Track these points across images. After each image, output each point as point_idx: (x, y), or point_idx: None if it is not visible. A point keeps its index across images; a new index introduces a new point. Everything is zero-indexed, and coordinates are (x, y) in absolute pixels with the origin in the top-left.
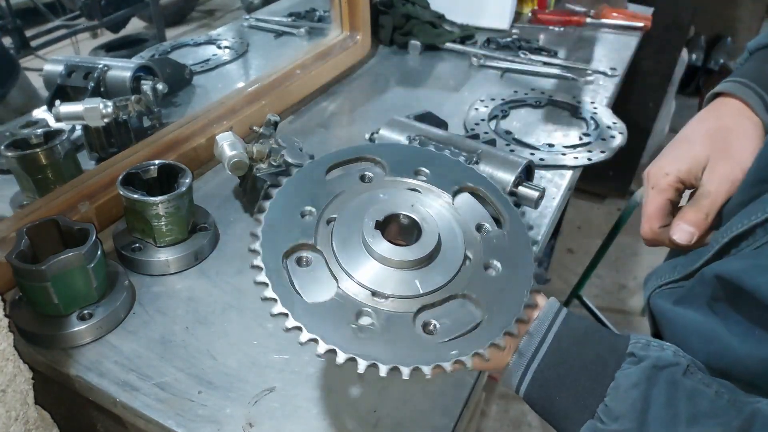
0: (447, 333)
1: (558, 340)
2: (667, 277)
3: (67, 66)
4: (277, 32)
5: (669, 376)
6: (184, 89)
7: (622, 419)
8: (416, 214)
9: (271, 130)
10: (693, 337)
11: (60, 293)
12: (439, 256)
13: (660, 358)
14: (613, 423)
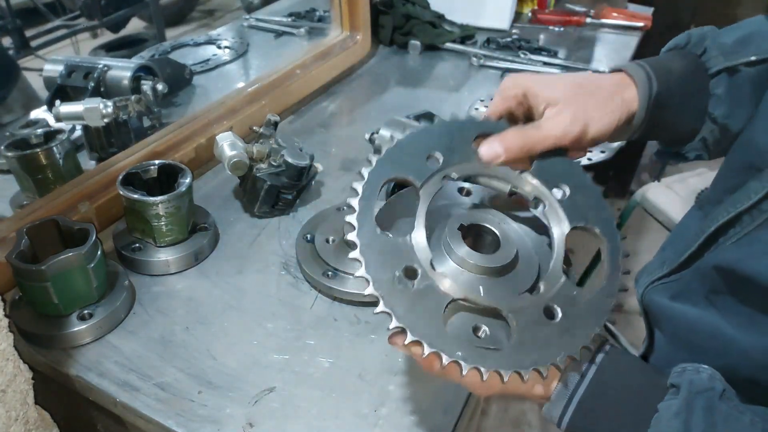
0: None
1: (601, 372)
2: (658, 273)
3: (67, 66)
4: (277, 32)
5: (706, 402)
6: (184, 89)
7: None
8: (500, 231)
9: (271, 130)
10: (698, 333)
11: (60, 293)
12: (510, 274)
13: (694, 382)
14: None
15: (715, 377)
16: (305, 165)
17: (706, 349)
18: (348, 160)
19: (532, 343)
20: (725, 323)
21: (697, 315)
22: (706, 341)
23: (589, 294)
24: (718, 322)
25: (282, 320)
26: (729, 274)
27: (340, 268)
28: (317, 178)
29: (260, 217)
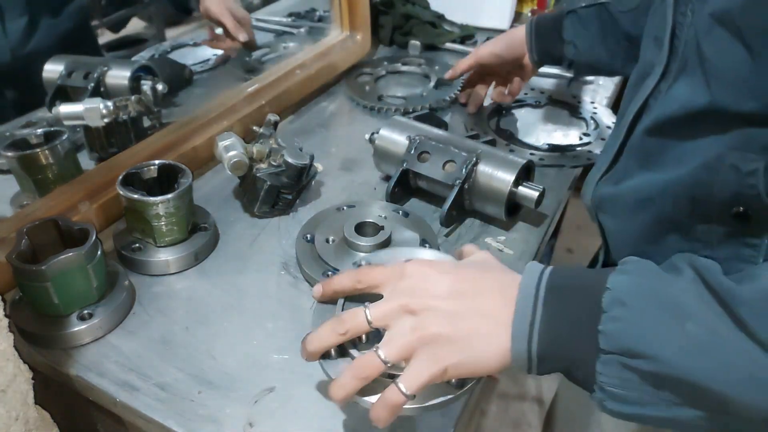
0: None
1: (550, 297)
2: (602, 169)
3: (67, 66)
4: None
5: (651, 265)
6: (184, 89)
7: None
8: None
9: (271, 130)
10: (640, 201)
11: (60, 293)
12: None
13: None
14: (619, 308)
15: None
16: (305, 165)
17: (647, 212)
18: (348, 160)
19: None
20: (656, 176)
21: (636, 183)
22: (646, 204)
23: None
24: (651, 178)
25: (282, 320)
26: (652, 130)
27: (340, 268)
28: (317, 178)
29: (260, 217)
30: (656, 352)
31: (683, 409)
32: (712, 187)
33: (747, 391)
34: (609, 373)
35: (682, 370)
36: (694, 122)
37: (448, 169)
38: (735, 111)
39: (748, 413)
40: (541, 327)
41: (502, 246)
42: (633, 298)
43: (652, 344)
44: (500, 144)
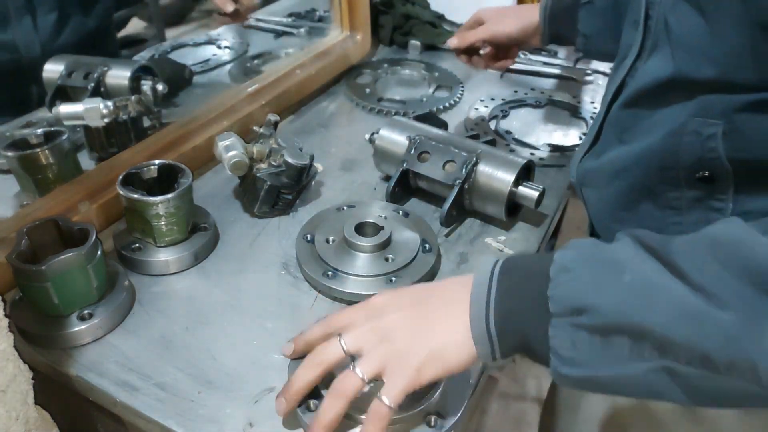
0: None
1: (503, 277)
2: (585, 147)
3: (67, 66)
4: (277, 32)
5: (590, 240)
6: (184, 89)
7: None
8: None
9: (271, 130)
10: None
11: (60, 293)
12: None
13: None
14: (564, 274)
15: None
16: (305, 165)
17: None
18: (348, 160)
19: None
20: (630, 147)
21: (613, 155)
22: (621, 174)
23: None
24: (625, 149)
25: (282, 320)
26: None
27: (340, 268)
28: (317, 178)
29: (260, 217)
30: (599, 303)
31: (631, 364)
32: (678, 153)
33: (680, 328)
34: (560, 335)
35: (622, 316)
36: (662, 93)
37: (448, 169)
38: (695, 78)
39: (685, 353)
40: (496, 304)
41: (502, 246)
42: (576, 263)
43: (594, 298)
44: (500, 144)
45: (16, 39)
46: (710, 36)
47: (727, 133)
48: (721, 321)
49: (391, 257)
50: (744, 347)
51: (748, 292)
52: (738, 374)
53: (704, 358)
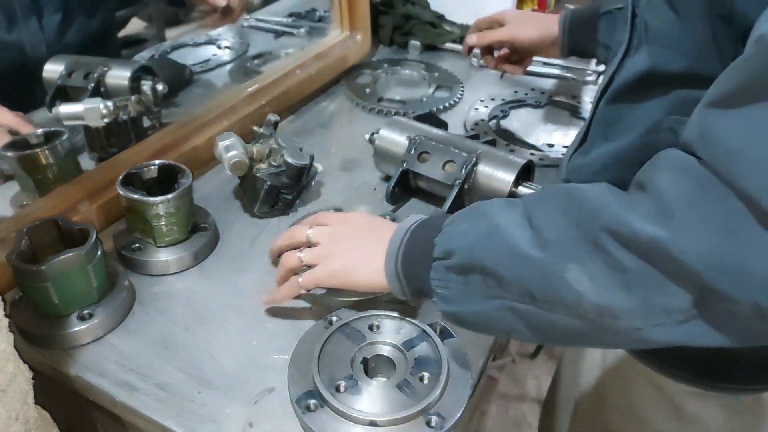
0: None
1: (416, 229)
2: (574, 146)
3: (67, 66)
4: (277, 32)
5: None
6: (184, 89)
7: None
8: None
9: (271, 130)
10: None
11: (60, 293)
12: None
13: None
14: (450, 225)
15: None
16: (305, 165)
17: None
18: (348, 160)
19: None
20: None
21: (599, 152)
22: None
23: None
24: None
25: (282, 320)
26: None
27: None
28: (317, 178)
29: (260, 217)
30: (459, 246)
31: (485, 302)
32: (656, 149)
33: (508, 266)
34: (437, 276)
35: (472, 256)
36: (640, 87)
37: (448, 169)
38: (668, 71)
39: (515, 289)
40: (404, 249)
41: None
42: (461, 215)
43: (458, 242)
44: (500, 144)
45: (23, 39)
46: (680, 30)
47: None
48: (535, 259)
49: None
50: (553, 282)
51: (572, 234)
52: (558, 308)
53: (529, 294)
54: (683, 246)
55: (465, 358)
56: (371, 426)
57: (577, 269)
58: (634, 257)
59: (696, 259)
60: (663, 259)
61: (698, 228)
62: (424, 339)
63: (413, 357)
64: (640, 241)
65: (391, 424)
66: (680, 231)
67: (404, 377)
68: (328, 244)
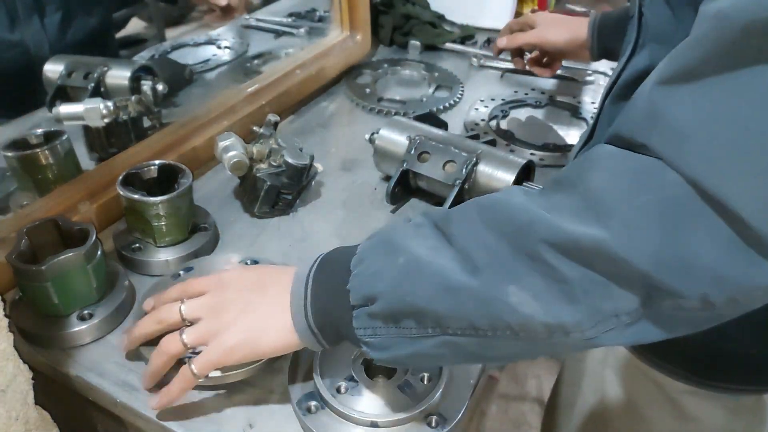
0: None
1: (319, 272)
2: (580, 144)
3: (67, 66)
4: (277, 32)
5: (391, 224)
6: (184, 89)
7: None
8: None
9: (271, 130)
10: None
11: (60, 293)
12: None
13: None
14: (359, 265)
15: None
16: (305, 165)
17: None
18: (348, 161)
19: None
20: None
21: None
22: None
23: None
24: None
25: None
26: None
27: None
28: (317, 178)
29: (260, 217)
30: (380, 290)
31: (420, 342)
32: None
33: (443, 302)
34: (361, 325)
35: (399, 300)
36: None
37: (448, 169)
38: None
39: (454, 324)
40: (312, 301)
41: None
42: (366, 252)
43: (377, 285)
44: (500, 144)
45: (26, 38)
46: (677, 27)
47: None
48: (471, 288)
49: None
50: (495, 309)
51: (505, 252)
52: (504, 334)
53: (471, 326)
54: (626, 244)
55: None
56: (372, 427)
57: (518, 291)
58: (575, 265)
59: (641, 257)
60: (606, 262)
61: (640, 223)
62: None
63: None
64: (582, 246)
65: (392, 425)
66: (621, 229)
67: (405, 378)
68: (212, 317)
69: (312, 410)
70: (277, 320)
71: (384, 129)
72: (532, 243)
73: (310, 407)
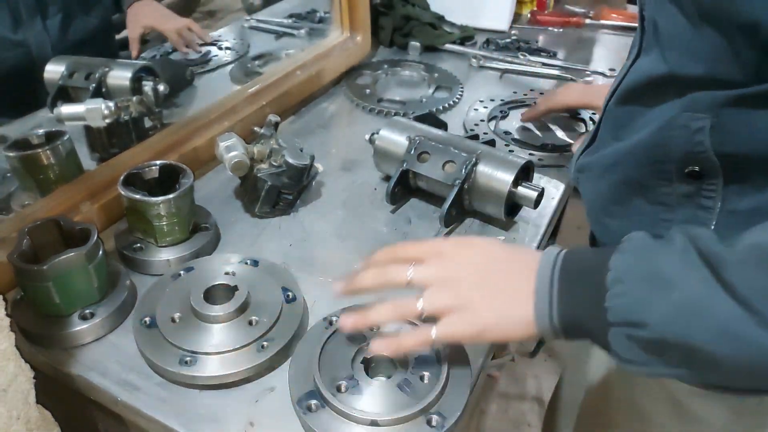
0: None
1: (563, 277)
2: (583, 146)
3: (69, 66)
4: (277, 33)
5: (643, 241)
6: (185, 90)
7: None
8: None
9: (272, 131)
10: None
11: (61, 293)
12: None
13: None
14: (619, 286)
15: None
16: (306, 165)
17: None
18: (348, 161)
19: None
20: (624, 143)
21: (608, 151)
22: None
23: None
24: (619, 145)
25: None
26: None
27: (198, 349)
28: (318, 179)
29: (261, 217)
30: (649, 321)
31: (681, 369)
32: (668, 146)
33: (723, 347)
34: (617, 342)
35: (670, 333)
36: (656, 89)
37: (448, 169)
38: (687, 75)
39: (732, 366)
40: (559, 308)
41: None
42: (627, 275)
43: (645, 315)
44: (500, 144)
45: (28, 39)
46: (695, 35)
47: (714, 127)
48: (762, 341)
49: (255, 319)
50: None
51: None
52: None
53: (744, 371)
54: None
55: (465, 357)
56: (372, 426)
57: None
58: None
59: None
60: None
61: None
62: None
63: (413, 356)
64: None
65: (392, 423)
66: None
67: (404, 377)
68: (447, 290)
69: (312, 409)
70: (521, 311)
71: (384, 129)
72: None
73: (310, 406)
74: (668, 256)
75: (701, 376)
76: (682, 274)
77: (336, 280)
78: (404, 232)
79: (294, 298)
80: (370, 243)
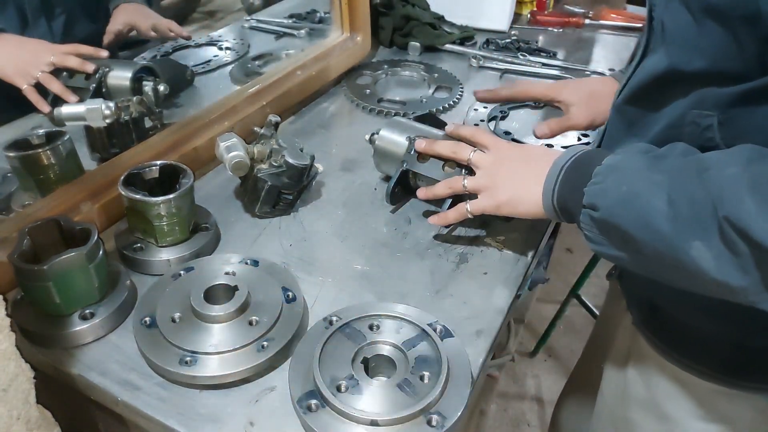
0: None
1: (570, 167)
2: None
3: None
4: (277, 33)
5: (638, 146)
6: (185, 90)
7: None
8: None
9: (272, 131)
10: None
11: (61, 293)
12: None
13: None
14: (598, 176)
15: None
16: (306, 165)
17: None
18: (348, 161)
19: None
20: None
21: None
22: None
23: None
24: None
25: None
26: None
27: (198, 349)
28: (318, 179)
29: (261, 217)
30: (602, 204)
31: (621, 251)
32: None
33: (643, 233)
34: (584, 221)
35: (611, 215)
36: (662, 88)
37: (448, 169)
38: (688, 71)
39: (647, 250)
40: (559, 188)
41: (501, 246)
42: (608, 170)
43: (602, 199)
44: None
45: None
46: (698, 31)
47: (722, 123)
48: (664, 232)
49: (255, 319)
50: (677, 255)
51: (704, 212)
52: (681, 273)
53: (657, 256)
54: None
55: (464, 357)
56: (372, 425)
57: (701, 247)
58: (747, 246)
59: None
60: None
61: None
62: (424, 338)
63: (413, 356)
64: (751, 238)
65: (392, 423)
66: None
67: (405, 377)
68: (490, 175)
69: (312, 409)
70: (533, 193)
71: (384, 129)
72: (721, 213)
73: (310, 406)
74: (643, 160)
75: (635, 262)
76: (639, 172)
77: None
78: (404, 232)
79: (294, 298)
80: (370, 243)
